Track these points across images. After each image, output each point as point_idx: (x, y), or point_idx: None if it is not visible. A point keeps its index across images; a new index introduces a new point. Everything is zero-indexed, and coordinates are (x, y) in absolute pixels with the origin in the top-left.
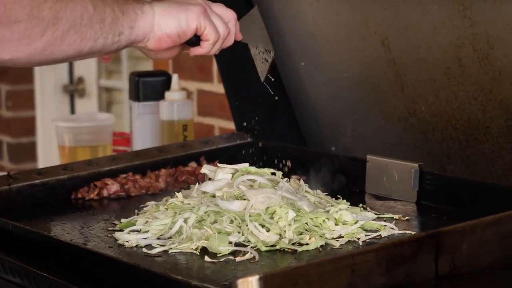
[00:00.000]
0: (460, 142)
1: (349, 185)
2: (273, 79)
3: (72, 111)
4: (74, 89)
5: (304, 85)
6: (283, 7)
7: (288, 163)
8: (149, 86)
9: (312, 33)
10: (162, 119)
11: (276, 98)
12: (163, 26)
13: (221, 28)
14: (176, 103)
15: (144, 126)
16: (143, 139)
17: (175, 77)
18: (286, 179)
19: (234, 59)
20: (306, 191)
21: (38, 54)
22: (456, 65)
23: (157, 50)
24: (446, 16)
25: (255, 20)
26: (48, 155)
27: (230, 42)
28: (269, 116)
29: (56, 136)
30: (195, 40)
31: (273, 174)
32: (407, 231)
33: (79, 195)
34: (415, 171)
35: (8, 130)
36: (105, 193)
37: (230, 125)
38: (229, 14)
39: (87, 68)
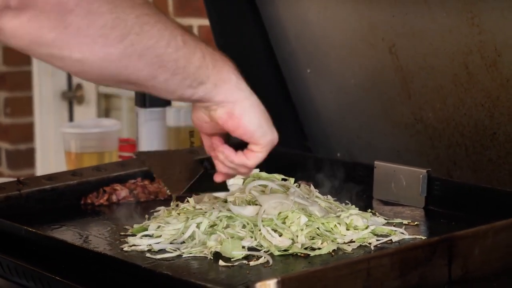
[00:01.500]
0: (467, 148)
1: (356, 191)
2: None
3: (71, 118)
4: (73, 96)
5: (310, 92)
6: (290, 14)
7: None
8: None
9: (319, 40)
10: (168, 125)
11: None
12: (246, 114)
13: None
14: (183, 110)
15: (150, 133)
16: (150, 145)
17: None
18: (296, 184)
19: (240, 65)
20: (316, 197)
21: (112, 62)
22: (463, 72)
23: (215, 123)
24: (454, 23)
25: None
26: (46, 162)
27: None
28: (274, 123)
29: (63, 142)
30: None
31: (284, 179)
32: (417, 236)
33: (89, 201)
34: (423, 177)
35: (6, 137)
36: (114, 198)
37: None
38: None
39: None
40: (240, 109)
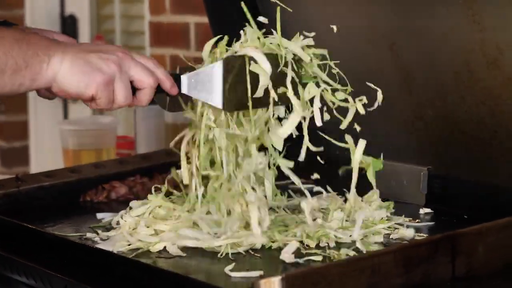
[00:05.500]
0: (468, 146)
1: (356, 189)
2: None
3: (66, 115)
4: None
5: None
6: (289, 12)
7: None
8: None
9: (319, 37)
10: (167, 122)
11: None
12: (64, 83)
13: (120, 99)
14: None
15: (148, 130)
16: (148, 142)
17: None
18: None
19: None
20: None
21: None
22: (464, 70)
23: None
24: (455, 21)
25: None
26: (41, 160)
27: (139, 105)
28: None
29: (60, 139)
30: None
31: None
32: (419, 234)
33: (88, 198)
34: (424, 174)
35: (1, 134)
36: (113, 195)
37: None
38: (145, 82)
39: None
40: (59, 82)
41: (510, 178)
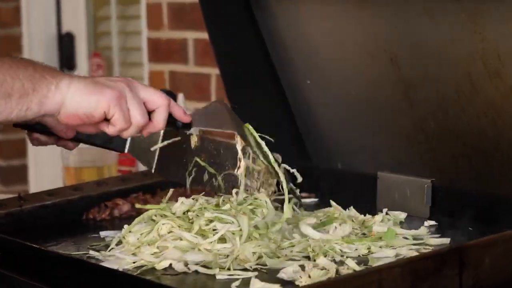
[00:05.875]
0: (470, 158)
1: (359, 202)
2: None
3: None
4: None
5: (309, 103)
6: (289, 26)
7: None
8: None
9: (319, 51)
10: None
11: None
12: (73, 104)
13: (136, 117)
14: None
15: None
16: None
17: (180, 97)
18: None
19: (239, 78)
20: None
21: None
22: (466, 82)
23: (70, 125)
24: (456, 33)
25: (218, 110)
26: (39, 178)
27: (156, 128)
28: (274, 134)
29: (61, 157)
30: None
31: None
32: (425, 247)
33: (91, 216)
34: (428, 187)
35: None
36: (116, 213)
37: None
38: (158, 101)
39: None
40: (68, 105)
41: None
